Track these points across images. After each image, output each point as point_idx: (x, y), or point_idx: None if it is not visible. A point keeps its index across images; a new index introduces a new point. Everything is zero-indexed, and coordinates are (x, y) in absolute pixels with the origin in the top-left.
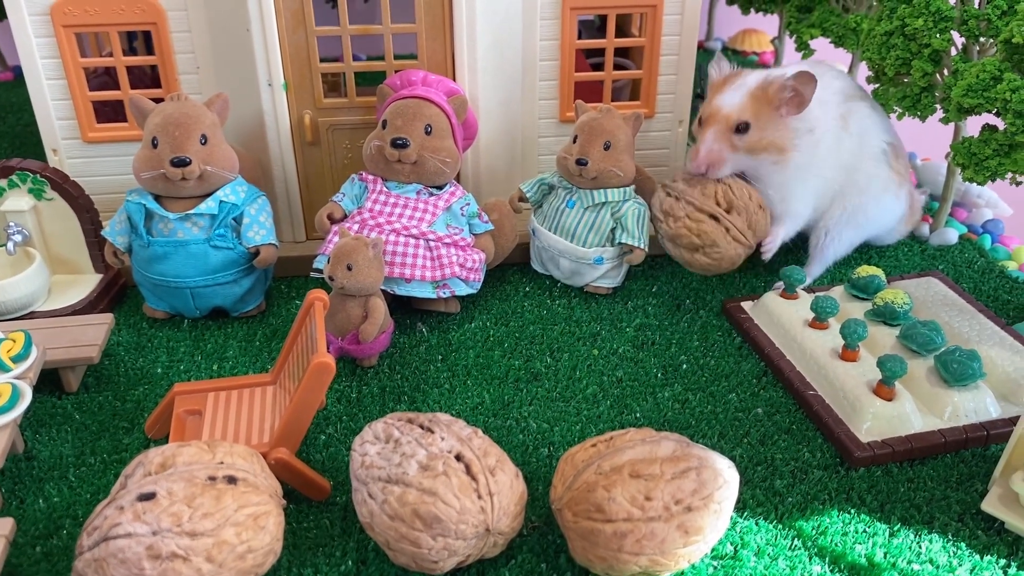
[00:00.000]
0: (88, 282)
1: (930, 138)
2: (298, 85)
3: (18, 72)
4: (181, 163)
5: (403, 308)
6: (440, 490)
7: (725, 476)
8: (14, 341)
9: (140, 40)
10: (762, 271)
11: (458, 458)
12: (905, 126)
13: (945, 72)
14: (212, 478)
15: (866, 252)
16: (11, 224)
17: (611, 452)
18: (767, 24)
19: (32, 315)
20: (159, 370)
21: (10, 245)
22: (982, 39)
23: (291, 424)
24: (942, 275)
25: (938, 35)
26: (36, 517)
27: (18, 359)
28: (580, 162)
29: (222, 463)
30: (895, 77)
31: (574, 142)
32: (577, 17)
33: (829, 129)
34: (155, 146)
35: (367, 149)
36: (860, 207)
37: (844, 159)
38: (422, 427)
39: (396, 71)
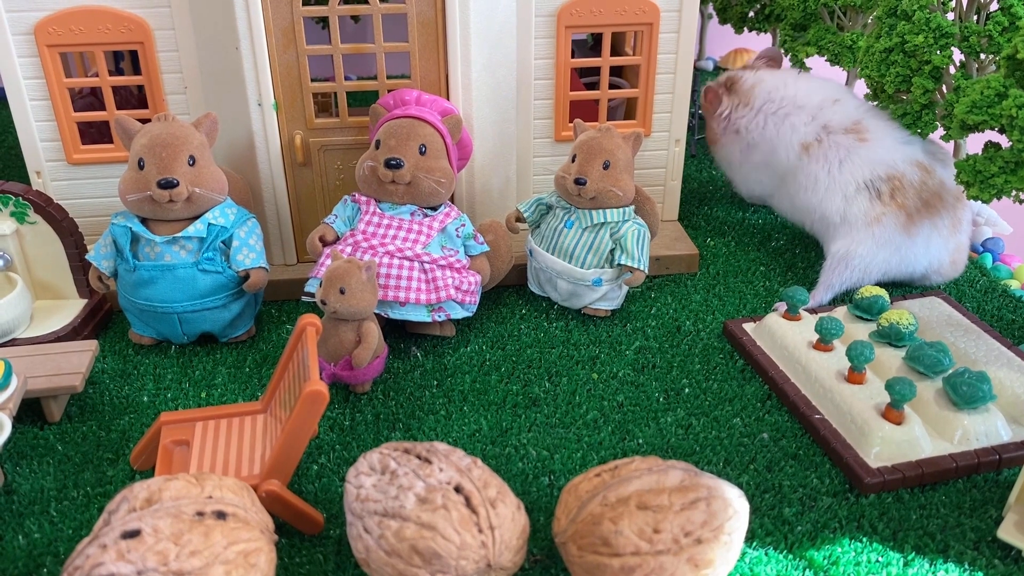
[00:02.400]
0: (72, 307)
1: None
2: (289, 105)
3: (0, 95)
4: (168, 185)
5: (397, 332)
6: (439, 524)
7: (735, 506)
8: None
9: (127, 60)
10: (762, 291)
11: (457, 490)
12: None
13: (945, 89)
14: (200, 513)
15: None
16: None
17: (617, 482)
18: (759, 44)
19: (13, 342)
20: (145, 398)
21: None
22: (983, 56)
23: (283, 454)
24: (945, 295)
25: (939, 52)
26: (15, 555)
27: None
28: (579, 181)
29: (211, 497)
30: (895, 94)
31: (572, 161)
32: (571, 36)
33: (773, 140)
34: (141, 167)
35: (360, 170)
36: (849, 249)
37: (799, 180)
38: (419, 457)
39: (389, 90)
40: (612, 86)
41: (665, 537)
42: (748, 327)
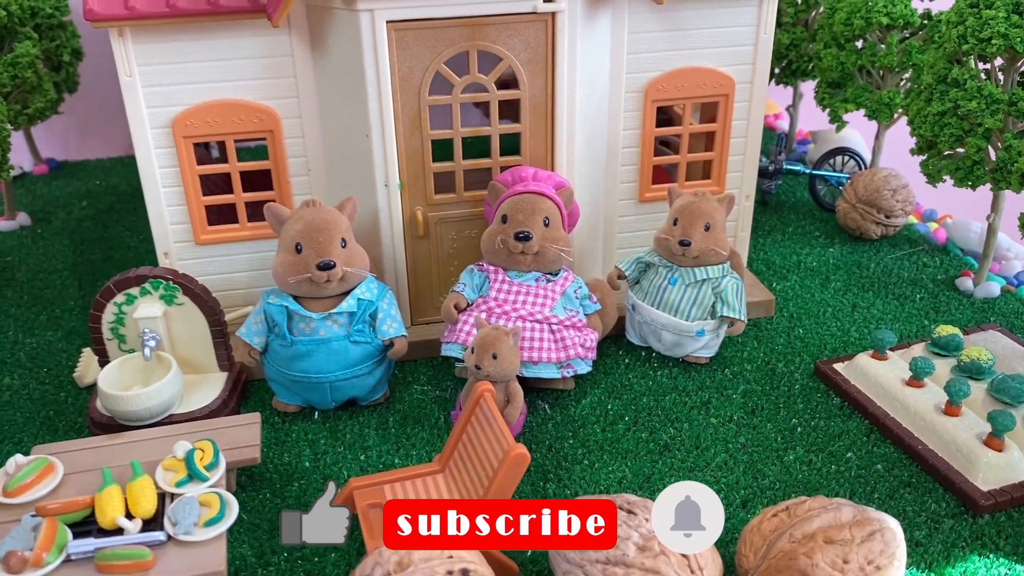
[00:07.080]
0: (213, 381)
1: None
2: (411, 184)
3: (53, 164)
4: (327, 267)
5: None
6: (662, 568)
7: (899, 535)
8: (203, 451)
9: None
10: (836, 331)
11: None
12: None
13: (991, 149)
14: (450, 572)
15: (921, 308)
16: (145, 330)
17: (799, 520)
18: (780, 97)
19: (171, 419)
20: (307, 463)
21: (146, 351)
22: None
23: None
24: (1001, 327)
25: (990, 116)
26: None
27: (210, 468)
28: (684, 243)
29: (451, 556)
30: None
31: (675, 224)
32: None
33: None
34: (299, 251)
35: (491, 243)
36: None
37: None
38: (622, 509)
39: (501, 168)
40: (662, 152)
41: (853, 567)
42: (839, 367)
